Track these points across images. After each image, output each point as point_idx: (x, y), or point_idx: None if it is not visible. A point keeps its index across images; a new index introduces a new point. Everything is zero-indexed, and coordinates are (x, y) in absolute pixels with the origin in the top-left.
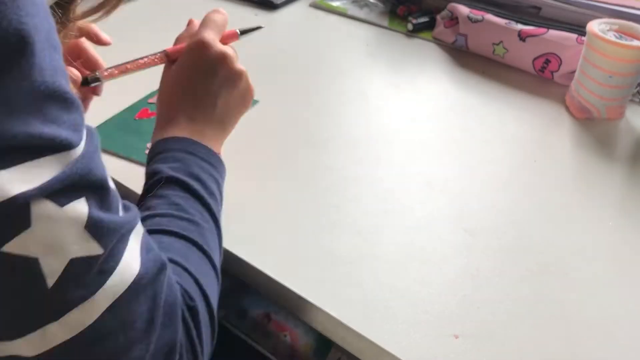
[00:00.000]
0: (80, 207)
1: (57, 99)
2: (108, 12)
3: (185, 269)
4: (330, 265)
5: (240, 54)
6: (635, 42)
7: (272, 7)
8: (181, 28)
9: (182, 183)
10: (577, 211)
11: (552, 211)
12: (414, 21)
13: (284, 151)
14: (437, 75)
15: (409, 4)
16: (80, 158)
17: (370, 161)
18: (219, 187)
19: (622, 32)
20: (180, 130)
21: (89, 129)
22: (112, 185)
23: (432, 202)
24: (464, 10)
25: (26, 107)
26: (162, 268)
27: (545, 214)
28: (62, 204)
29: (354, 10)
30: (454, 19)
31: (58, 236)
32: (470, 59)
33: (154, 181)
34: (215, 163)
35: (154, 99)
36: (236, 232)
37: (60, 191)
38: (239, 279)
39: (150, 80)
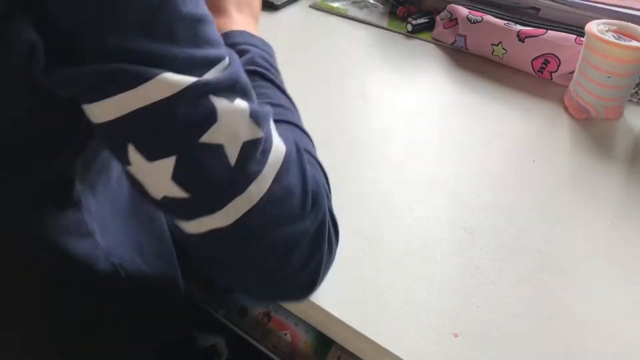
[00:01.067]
0: (243, 102)
1: (204, 22)
2: None
3: (307, 151)
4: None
5: None
6: (634, 43)
7: (273, 8)
8: None
9: (261, 74)
10: (576, 211)
11: (552, 211)
12: (414, 22)
13: None
14: (436, 75)
15: (409, 5)
16: (229, 67)
17: (370, 161)
18: (278, 71)
19: (621, 33)
20: (234, 23)
21: (228, 51)
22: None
23: (432, 202)
24: (463, 11)
25: (181, 34)
26: (299, 148)
27: (545, 214)
28: (232, 100)
29: (353, 11)
30: (453, 20)
31: (235, 125)
32: (469, 59)
33: None
34: (270, 52)
35: None
36: None
37: (226, 90)
38: None
39: None
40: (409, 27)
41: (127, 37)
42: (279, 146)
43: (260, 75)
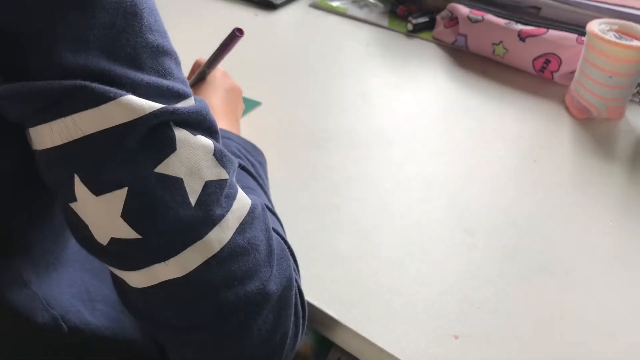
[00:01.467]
0: (207, 139)
1: (170, 56)
2: None
3: (275, 231)
4: (330, 265)
5: (241, 55)
6: (635, 42)
7: (272, 7)
8: (180, 28)
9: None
10: (577, 211)
11: (552, 211)
12: (414, 21)
13: (283, 151)
14: (437, 75)
15: (409, 4)
16: (198, 104)
17: (370, 161)
18: (256, 165)
19: (622, 32)
20: (219, 120)
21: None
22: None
23: (432, 202)
24: (464, 10)
25: (146, 60)
26: (264, 208)
27: (545, 214)
28: (194, 134)
29: (353, 10)
30: (453, 19)
31: (196, 160)
32: (470, 59)
33: None
34: (249, 148)
35: None
36: None
37: (190, 123)
38: None
39: None
40: (410, 27)
41: (89, 55)
42: (243, 197)
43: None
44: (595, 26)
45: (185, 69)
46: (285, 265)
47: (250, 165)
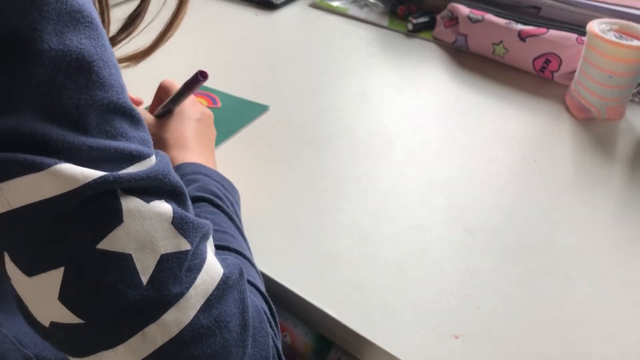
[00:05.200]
0: (164, 205)
1: (123, 114)
2: (137, 62)
3: (253, 284)
4: (330, 265)
5: (240, 55)
6: (635, 42)
7: (272, 7)
8: (180, 28)
9: (208, 200)
10: (577, 211)
11: (552, 211)
12: (414, 21)
13: (283, 151)
14: (437, 75)
15: (409, 4)
16: (155, 165)
17: (370, 161)
18: (234, 205)
19: (622, 32)
20: (191, 156)
21: (157, 151)
22: (187, 193)
23: (432, 202)
24: (464, 10)
25: (92, 120)
26: (242, 272)
27: (545, 214)
28: (147, 201)
29: (354, 10)
30: (454, 19)
31: (149, 231)
32: (470, 58)
33: None
34: (226, 184)
35: None
36: None
37: (143, 189)
38: None
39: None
40: (410, 26)
41: (20, 117)
42: (214, 267)
43: (208, 201)
44: (595, 26)
45: (185, 69)
46: (263, 341)
47: (230, 205)
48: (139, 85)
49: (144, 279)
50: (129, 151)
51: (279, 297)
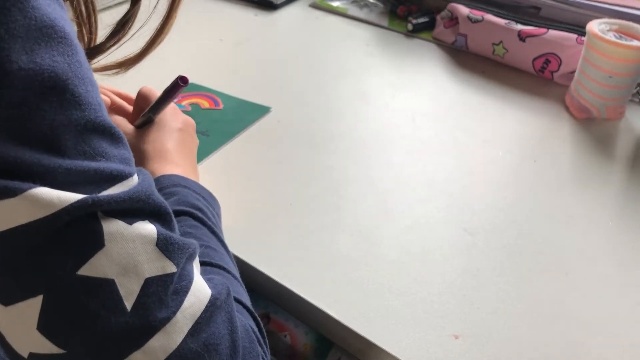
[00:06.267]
0: (148, 226)
1: (102, 133)
2: (127, 69)
3: (239, 301)
4: (330, 265)
5: (240, 55)
6: (635, 42)
7: (272, 7)
8: (180, 28)
9: (190, 214)
10: (577, 211)
11: (552, 211)
12: (414, 21)
13: (283, 151)
14: (436, 75)
15: (409, 4)
16: (138, 185)
17: (370, 161)
18: (215, 217)
19: (622, 32)
20: (172, 168)
21: (139, 169)
22: (172, 212)
23: (432, 202)
24: (463, 10)
25: (68, 142)
26: (229, 292)
27: (545, 214)
28: (130, 223)
29: (354, 11)
30: (453, 19)
31: (132, 255)
32: (470, 59)
33: None
34: (206, 195)
35: None
36: (235, 232)
37: (125, 211)
38: None
39: None
40: (410, 27)
41: None
42: (201, 289)
43: (189, 214)
44: (595, 26)
45: (185, 70)
46: (254, 356)
47: (212, 217)
48: (139, 86)
49: (128, 304)
50: (109, 171)
51: (279, 296)
